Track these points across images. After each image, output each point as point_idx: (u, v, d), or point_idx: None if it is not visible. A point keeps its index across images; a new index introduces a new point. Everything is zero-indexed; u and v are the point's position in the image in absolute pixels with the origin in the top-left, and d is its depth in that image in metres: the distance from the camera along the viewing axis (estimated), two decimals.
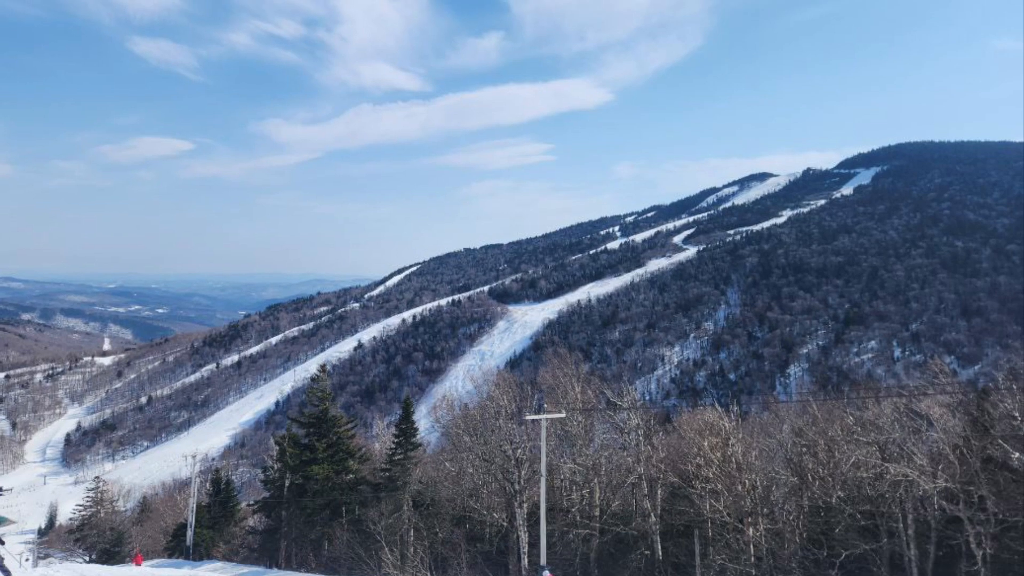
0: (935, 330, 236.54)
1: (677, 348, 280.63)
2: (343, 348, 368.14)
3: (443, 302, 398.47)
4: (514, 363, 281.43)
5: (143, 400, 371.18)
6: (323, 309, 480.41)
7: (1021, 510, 27.57)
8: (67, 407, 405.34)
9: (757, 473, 35.58)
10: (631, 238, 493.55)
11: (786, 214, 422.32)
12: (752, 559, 33.45)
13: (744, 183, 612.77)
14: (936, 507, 29.93)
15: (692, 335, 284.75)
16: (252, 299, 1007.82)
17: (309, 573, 45.83)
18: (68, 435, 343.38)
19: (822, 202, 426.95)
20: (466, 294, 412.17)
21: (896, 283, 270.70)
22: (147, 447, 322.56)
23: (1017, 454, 27.78)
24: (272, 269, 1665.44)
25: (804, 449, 35.13)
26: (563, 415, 39.12)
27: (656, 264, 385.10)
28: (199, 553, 63.08)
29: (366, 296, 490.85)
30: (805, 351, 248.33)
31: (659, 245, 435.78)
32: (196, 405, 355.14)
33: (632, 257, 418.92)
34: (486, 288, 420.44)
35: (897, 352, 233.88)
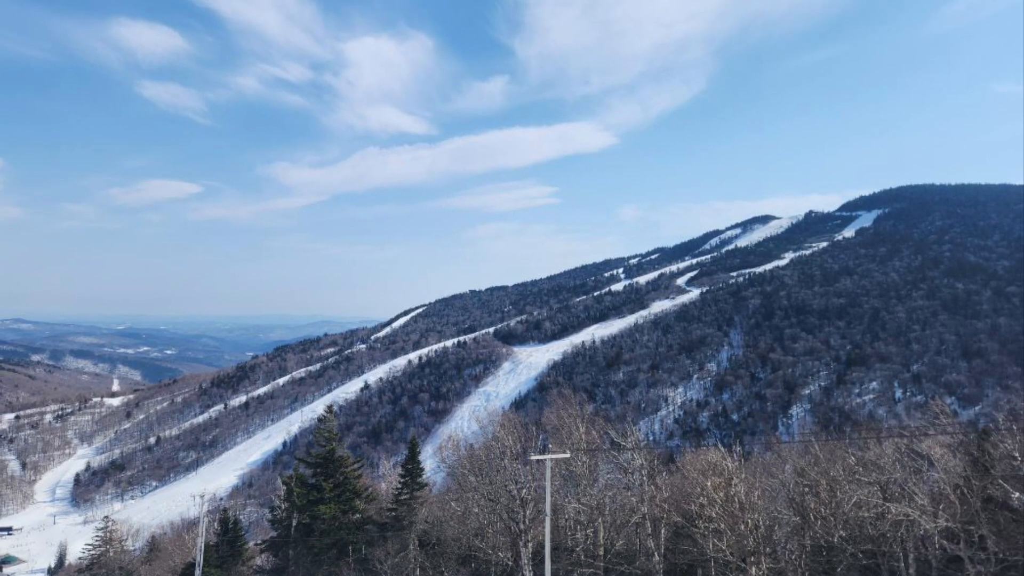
0: (936, 371, 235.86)
1: (680, 389, 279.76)
2: (350, 389, 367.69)
3: (449, 343, 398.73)
4: (519, 404, 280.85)
5: (152, 440, 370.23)
6: (330, 350, 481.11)
7: (1021, 549, 27.86)
8: (76, 447, 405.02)
9: (760, 513, 35.81)
10: (635, 280, 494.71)
11: (788, 256, 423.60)
12: None
13: (747, 225, 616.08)
14: (937, 546, 30.26)
15: (695, 376, 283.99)
16: (260, 340, 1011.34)
17: None
18: (77, 475, 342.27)
19: (824, 244, 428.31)
20: (471, 335, 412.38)
21: (897, 324, 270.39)
22: (156, 487, 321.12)
23: (1017, 494, 28.17)
24: (279, 311, 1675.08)
25: (806, 489, 35.49)
26: (567, 455, 39.52)
27: (660, 306, 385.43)
28: None
29: (372, 337, 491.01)
30: (807, 392, 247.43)
31: (663, 287, 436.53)
32: (204, 445, 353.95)
33: (636, 299, 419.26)
34: (491, 330, 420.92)
35: (898, 393, 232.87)
